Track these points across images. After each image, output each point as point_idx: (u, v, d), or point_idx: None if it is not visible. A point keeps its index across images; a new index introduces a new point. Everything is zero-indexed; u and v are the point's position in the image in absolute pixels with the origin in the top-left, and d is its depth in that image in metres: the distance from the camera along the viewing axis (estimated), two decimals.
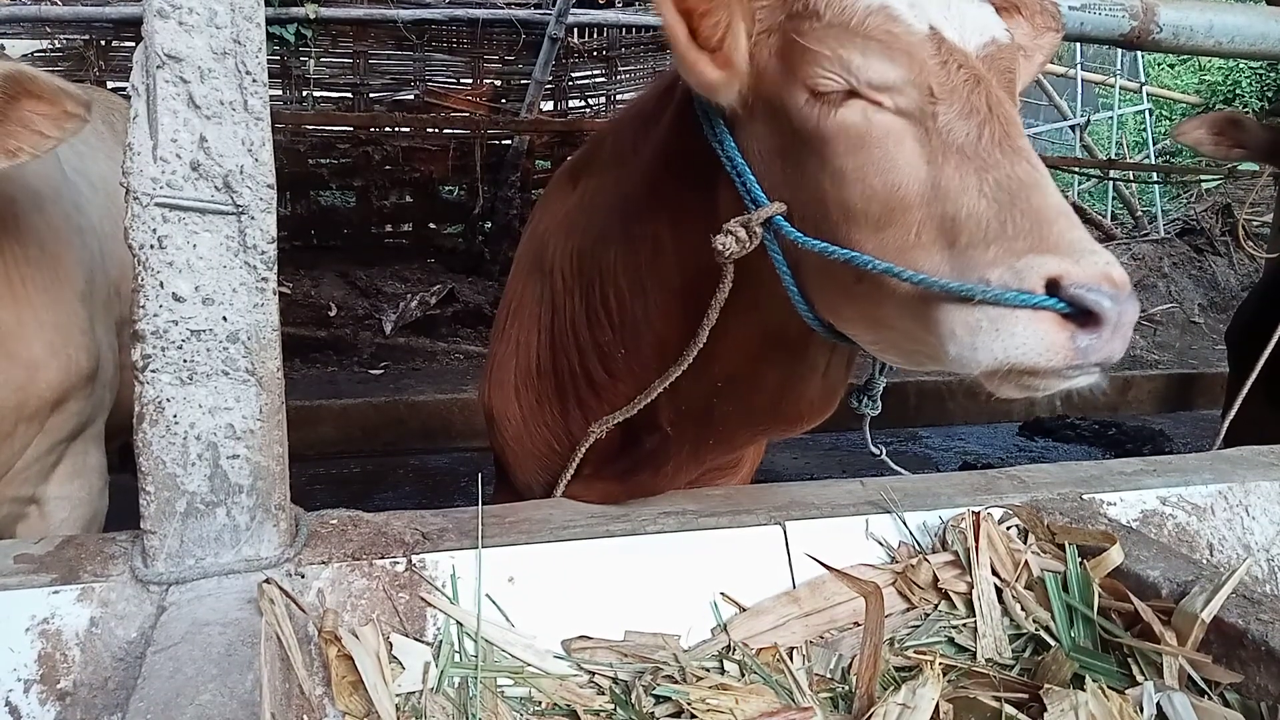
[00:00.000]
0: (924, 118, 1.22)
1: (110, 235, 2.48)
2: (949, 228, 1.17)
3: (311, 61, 8.33)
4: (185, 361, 1.39)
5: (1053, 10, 1.60)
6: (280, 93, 8.27)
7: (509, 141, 8.73)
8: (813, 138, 1.29)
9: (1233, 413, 2.77)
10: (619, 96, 9.27)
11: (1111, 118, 12.26)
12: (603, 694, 1.42)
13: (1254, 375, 2.74)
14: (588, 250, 1.85)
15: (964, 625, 1.55)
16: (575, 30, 8.85)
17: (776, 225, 1.35)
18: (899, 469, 1.85)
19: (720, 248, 1.37)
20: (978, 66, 1.24)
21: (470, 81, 8.77)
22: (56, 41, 7.84)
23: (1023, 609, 1.56)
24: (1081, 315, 1.08)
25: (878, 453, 1.76)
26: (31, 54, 7.78)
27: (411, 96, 8.65)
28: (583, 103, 9.27)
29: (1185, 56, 13.12)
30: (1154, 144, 12.28)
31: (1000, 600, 1.57)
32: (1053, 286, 1.09)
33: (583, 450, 1.86)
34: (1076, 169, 10.24)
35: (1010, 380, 1.16)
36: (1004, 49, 1.32)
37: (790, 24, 1.32)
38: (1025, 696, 1.37)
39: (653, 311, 1.70)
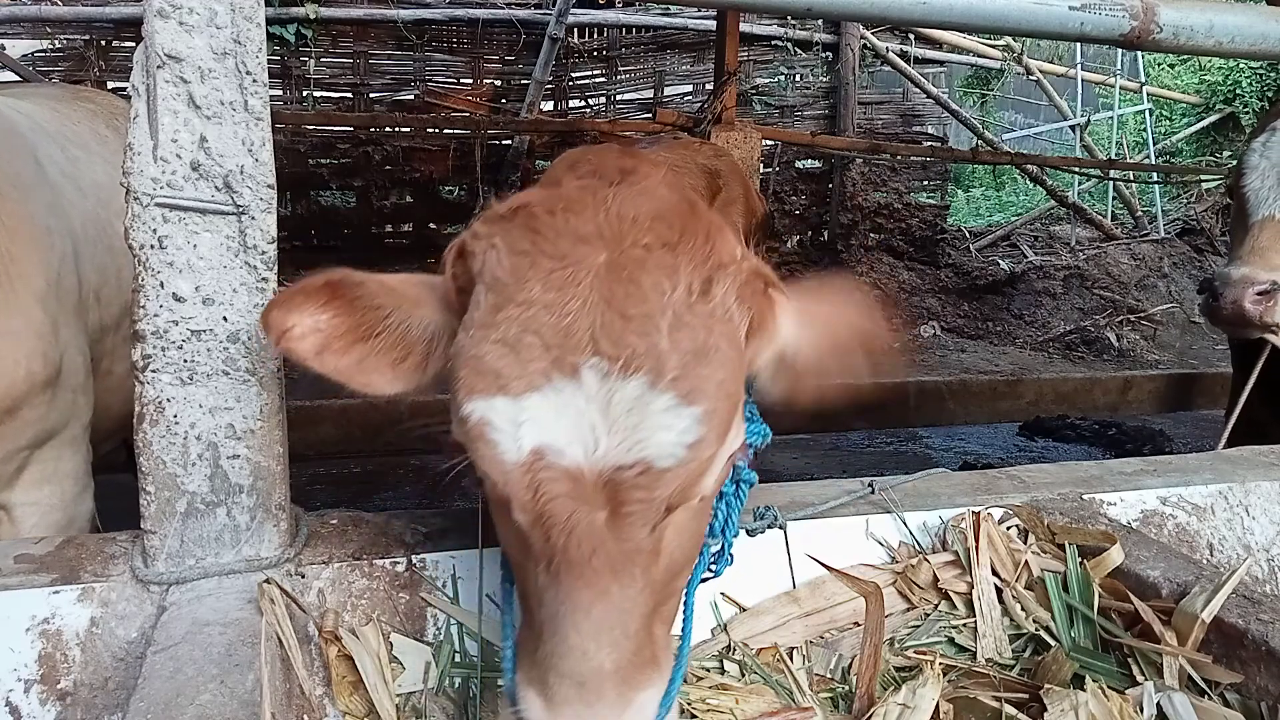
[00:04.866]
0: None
1: (93, 239, 2.40)
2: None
3: (311, 61, 8.35)
4: (186, 361, 1.39)
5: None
6: (280, 93, 8.28)
7: (509, 142, 8.74)
8: None
9: (1236, 412, 2.77)
10: (619, 96, 9.28)
11: (1111, 118, 12.23)
12: None
13: (1252, 379, 2.74)
14: None
15: (964, 625, 1.55)
16: (575, 30, 8.86)
17: None
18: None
19: None
20: (585, 491, 1.13)
21: (470, 81, 8.77)
22: (56, 41, 7.85)
23: (1023, 609, 1.56)
24: None
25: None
26: (31, 54, 7.79)
27: (411, 97, 8.67)
28: (583, 103, 9.27)
29: (1185, 56, 13.11)
30: (1154, 144, 12.28)
31: (1000, 600, 1.57)
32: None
33: None
34: (1076, 169, 10.23)
35: None
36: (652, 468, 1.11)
37: None
38: (1025, 696, 1.37)
39: None
